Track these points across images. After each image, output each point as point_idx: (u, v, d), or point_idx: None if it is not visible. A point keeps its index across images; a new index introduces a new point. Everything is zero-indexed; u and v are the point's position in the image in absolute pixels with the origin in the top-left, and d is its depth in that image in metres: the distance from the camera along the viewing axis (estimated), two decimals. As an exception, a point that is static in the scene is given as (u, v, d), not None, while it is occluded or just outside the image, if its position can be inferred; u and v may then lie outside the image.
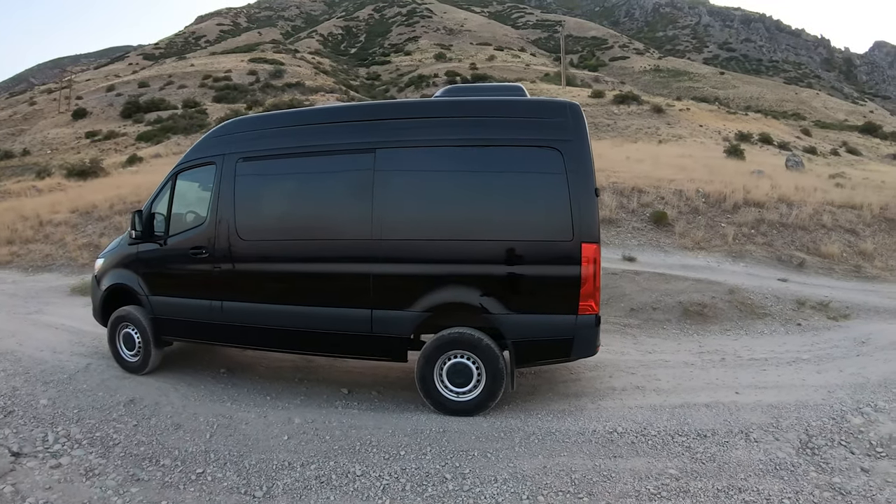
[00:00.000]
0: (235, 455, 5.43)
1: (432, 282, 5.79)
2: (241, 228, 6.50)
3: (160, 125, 44.76)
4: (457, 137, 5.90)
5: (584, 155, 5.67)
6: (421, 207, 5.93)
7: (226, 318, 6.58)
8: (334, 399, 6.54)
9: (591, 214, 5.54)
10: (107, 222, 16.03)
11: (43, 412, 6.18)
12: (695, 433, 5.26)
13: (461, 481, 4.78)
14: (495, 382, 5.74)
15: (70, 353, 7.82)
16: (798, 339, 8.46)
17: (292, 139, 6.47)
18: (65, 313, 10.18)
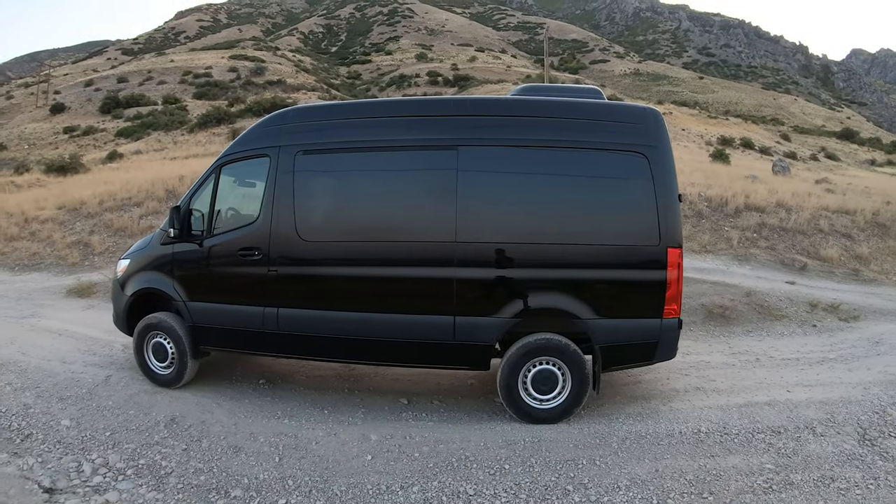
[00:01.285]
0: (318, 480, 4.86)
1: (521, 287, 5.58)
2: (301, 228, 5.91)
3: (140, 121, 43.60)
4: (545, 138, 5.65)
5: (668, 161, 5.59)
6: (507, 209, 5.63)
7: (282, 327, 5.99)
8: (398, 410, 6.13)
9: (675, 219, 5.48)
10: (96, 219, 14.96)
11: (68, 435, 5.37)
12: (769, 430, 5.39)
13: (585, 492, 4.59)
14: (581, 388, 5.58)
15: (83, 364, 7.03)
16: (817, 339, 8.67)
17: (362, 132, 5.96)
18: (65, 317, 9.37)
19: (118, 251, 13.55)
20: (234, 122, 36.70)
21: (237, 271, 6.15)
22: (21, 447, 5.17)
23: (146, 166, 24.42)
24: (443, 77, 76.60)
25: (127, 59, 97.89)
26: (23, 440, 5.27)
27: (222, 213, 6.53)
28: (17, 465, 4.86)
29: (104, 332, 8.49)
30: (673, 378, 6.83)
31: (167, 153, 31.35)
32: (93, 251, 13.54)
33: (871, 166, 42.35)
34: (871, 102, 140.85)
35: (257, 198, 6.30)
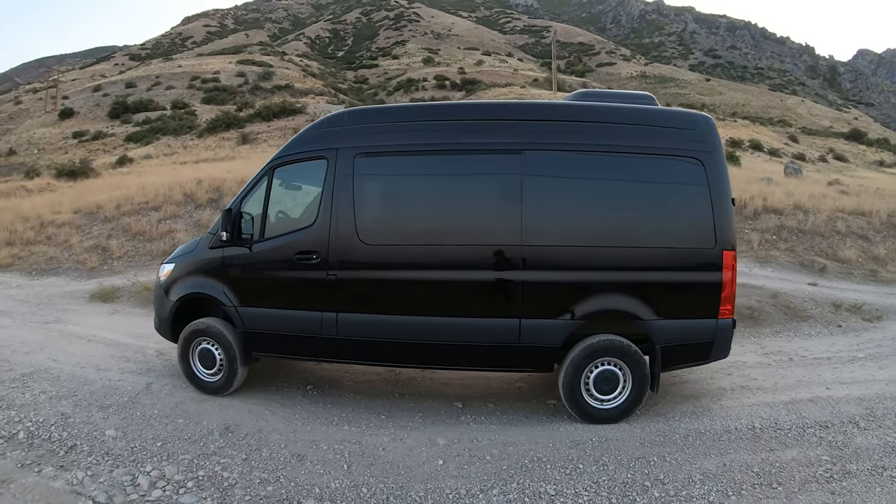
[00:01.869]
0: (393, 487, 4.71)
1: (586, 289, 5.62)
2: (362, 231, 5.77)
3: (149, 126, 43.47)
4: (608, 143, 5.70)
5: (722, 166, 5.73)
6: (572, 213, 5.68)
7: (341, 332, 5.84)
8: (455, 414, 6.07)
9: (729, 223, 5.62)
10: (114, 224, 14.73)
11: (115, 446, 5.07)
12: (817, 425, 5.58)
13: (663, 487, 4.67)
14: (641, 388, 5.63)
15: (119, 371, 6.76)
16: (844, 339, 8.84)
17: (424, 135, 5.89)
18: (92, 322, 9.12)
19: (137, 256, 13.40)
20: (244, 127, 36.55)
21: (293, 275, 6.00)
22: (66, 460, 4.86)
23: (158, 171, 24.23)
24: (450, 81, 76.39)
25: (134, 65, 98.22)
26: (67, 452, 4.96)
27: (276, 216, 6.42)
28: (65, 480, 4.57)
29: (134, 337, 8.31)
30: (717, 377, 6.94)
31: (177, 158, 31.24)
32: (111, 255, 13.31)
33: (879, 167, 42.04)
34: (879, 103, 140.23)
35: (314, 200, 6.19)
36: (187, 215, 15.10)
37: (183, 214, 15.11)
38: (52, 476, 4.64)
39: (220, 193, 15.92)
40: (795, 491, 4.55)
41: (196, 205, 15.54)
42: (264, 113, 39.70)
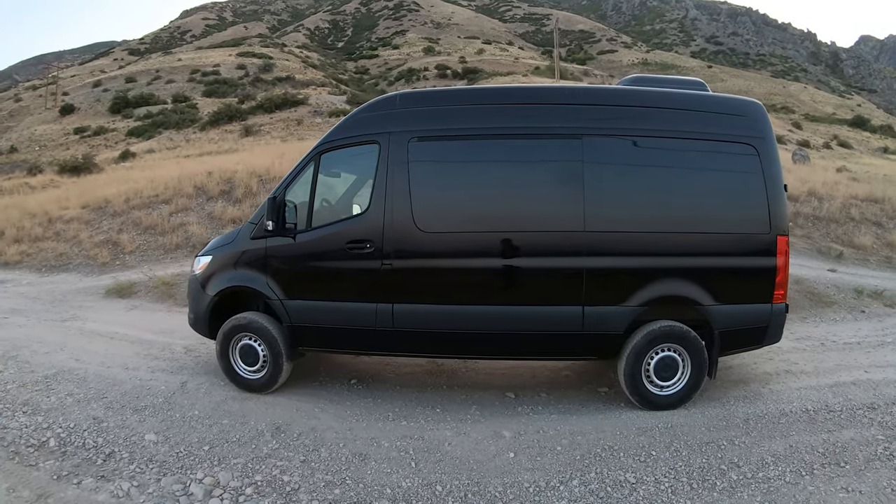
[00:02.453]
0: (469, 483, 4.52)
1: (648, 275, 5.53)
2: (419, 219, 5.52)
3: (150, 120, 43.13)
4: (666, 128, 5.62)
5: (774, 152, 5.73)
6: (633, 198, 5.57)
7: (397, 324, 5.59)
8: (510, 405, 5.93)
9: (783, 209, 5.65)
10: (123, 218, 14.29)
11: (158, 452, 4.72)
12: (864, 406, 5.62)
13: (739, 470, 4.66)
14: (700, 374, 5.59)
15: (149, 370, 6.38)
16: (868, 325, 8.95)
17: (481, 119, 5.68)
18: (110, 319, 8.73)
19: (149, 250, 13.02)
20: (246, 119, 36.31)
21: (344, 266, 5.72)
22: (106, 469, 4.49)
23: (162, 164, 23.90)
24: (451, 70, 75.96)
25: (134, 59, 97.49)
26: (105, 460, 4.59)
27: (324, 204, 6.17)
28: (109, 492, 4.18)
29: (158, 333, 7.97)
30: (759, 362, 6.96)
31: (180, 151, 30.94)
32: (123, 250, 12.89)
33: (884, 154, 41.79)
34: (882, 89, 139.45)
35: (365, 187, 5.96)
36: (199, 208, 14.69)
37: (195, 207, 14.70)
38: (93, 488, 4.25)
39: (231, 185, 15.53)
40: (862, 469, 4.63)
41: (207, 197, 15.13)
42: (266, 105, 39.48)
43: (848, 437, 5.10)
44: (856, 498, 4.30)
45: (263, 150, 23.66)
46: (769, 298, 5.62)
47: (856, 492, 4.35)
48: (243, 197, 14.78)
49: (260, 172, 16.19)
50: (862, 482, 4.47)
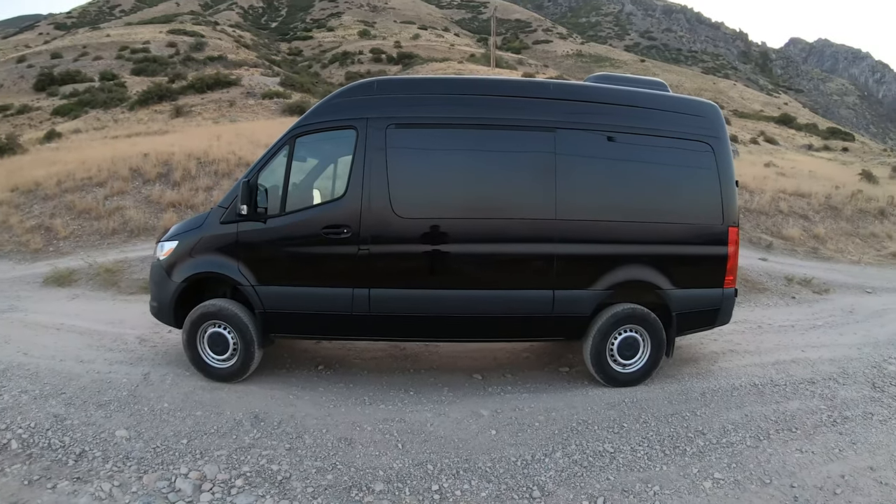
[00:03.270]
0: (458, 461, 4.67)
1: (614, 261, 5.87)
2: (397, 204, 5.58)
3: (77, 99, 40.46)
4: (633, 125, 5.96)
5: (727, 150, 6.22)
6: (601, 189, 5.89)
7: (374, 309, 5.64)
8: (480, 386, 6.15)
9: (733, 202, 6.12)
10: (56, 201, 13.42)
11: (133, 448, 4.53)
12: (805, 381, 6.20)
13: (705, 437, 5.08)
14: (658, 353, 6.01)
15: (105, 362, 6.08)
16: (799, 309, 9.71)
17: (461, 109, 5.82)
18: (53, 310, 8.27)
19: (84, 235, 12.39)
20: (177, 99, 34.75)
21: (320, 251, 5.68)
22: (80, 470, 4.26)
23: (90, 145, 22.54)
24: (386, 55, 75.09)
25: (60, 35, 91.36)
26: (77, 461, 4.36)
27: (299, 189, 6.13)
28: (89, 494, 3.97)
29: (106, 324, 7.65)
30: (706, 343, 7.52)
31: (108, 132, 29.37)
32: (56, 236, 12.18)
33: (808, 151, 43.86)
34: (808, 90, 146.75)
35: (341, 171, 5.97)
36: (136, 191, 14.02)
37: (131, 190, 14.01)
38: (70, 492, 4.04)
39: (168, 168, 14.88)
40: (811, 433, 5.18)
41: (144, 180, 14.44)
42: (198, 85, 37.91)
43: (795, 407, 5.62)
44: (809, 457, 4.80)
45: (197, 132, 22.79)
46: (721, 283, 6.12)
47: (809, 452, 4.86)
48: (182, 180, 14.23)
49: (197, 154, 15.64)
50: (813, 444, 4.99)
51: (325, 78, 65.34)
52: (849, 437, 5.14)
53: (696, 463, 4.73)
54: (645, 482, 4.49)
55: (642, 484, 4.46)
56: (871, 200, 17.49)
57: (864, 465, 4.71)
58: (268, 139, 18.10)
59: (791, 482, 4.48)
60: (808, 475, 4.58)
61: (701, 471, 4.63)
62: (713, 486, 4.45)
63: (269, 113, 31.86)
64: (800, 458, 4.80)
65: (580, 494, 4.34)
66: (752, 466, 4.68)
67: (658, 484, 4.46)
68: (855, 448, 4.98)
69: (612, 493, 4.35)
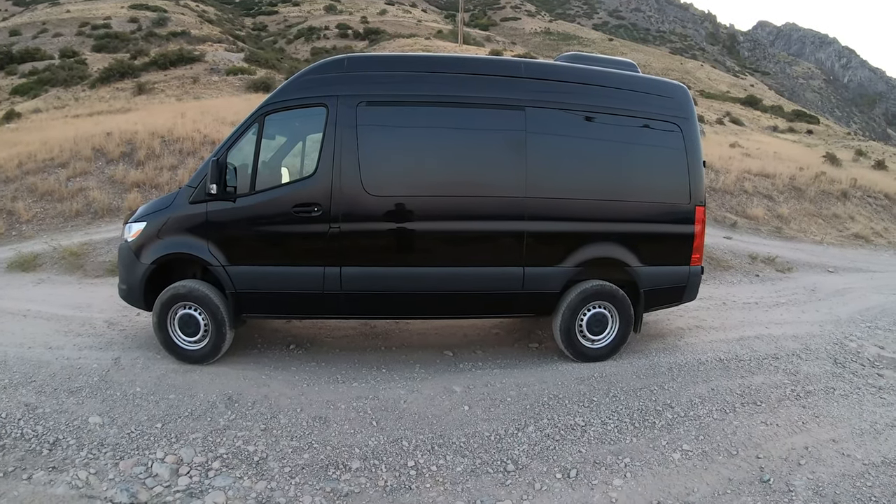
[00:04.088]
0: (433, 436, 4.76)
1: (583, 239, 5.97)
2: (367, 182, 5.57)
3: (36, 77, 39.35)
4: (602, 105, 6.03)
5: (696, 131, 6.36)
6: (571, 168, 5.96)
7: (346, 287, 5.65)
8: (451, 362, 6.23)
9: (701, 182, 6.25)
10: (17, 184, 12.91)
11: (108, 435, 4.50)
12: (769, 357, 6.39)
13: (674, 410, 5.26)
14: (626, 329, 6.15)
15: (74, 348, 6.00)
16: (763, 287, 9.96)
17: (431, 87, 5.82)
18: (18, 295, 8.08)
19: (48, 218, 12.08)
20: (139, 76, 33.82)
21: (291, 229, 5.68)
22: (55, 459, 4.23)
23: (51, 125, 21.94)
24: (353, 30, 74.07)
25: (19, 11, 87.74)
26: (51, 450, 4.31)
27: (268, 167, 6.04)
28: (66, 483, 3.95)
29: (73, 308, 7.53)
30: (672, 319, 7.70)
31: (69, 111, 28.51)
32: (19, 219, 11.80)
33: (773, 132, 44.60)
34: (775, 72, 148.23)
35: (311, 149, 5.94)
36: (99, 171, 13.66)
37: (94, 171, 13.64)
38: (47, 481, 4.00)
39: (132, 147, 14.51)
40: (776, 406, 5.39)
41: (107, 160, 14.04)
42: (161, 61, 36.84)
43: (759, 381, 5.82)
44: (774, 430, 5.00)
45: (160, 109, 22.27)
46: (688, 261, 6.28)
47: (773, 425, 5.07)
48: (146, 159, 13.88)
49: (162, 133, 15.28)
50: (777, 417, 5.21)
51: (291, 54, 64.14)
52: (812, 411, 5.34)
53: (664, 435, 4.88)
54: (616, 454, 4.62)
55: (613, 456, 4.59)
56: (835, 182, 17.88)
57: (826, 438, 4.89)
58: (234, 117, 17.83)
59: (757, 453, 4.63)
60: (773, 447, 4.74)
61: (670, 443, 4.78)
62: (682, 458, 4.59)
63: (233, 90, 31.23)
64: (765, 430, 4.98)
65: (553, 467, 4.46)
66: (719, 438, 4.84)
67: (629, 456, 4.60)
68: (818, 421, 5.17)
69: (584, 466, 4.47)
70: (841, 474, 4.42)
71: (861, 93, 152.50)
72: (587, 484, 4.30)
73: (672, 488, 4.26)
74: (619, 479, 4.36)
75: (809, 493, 4.22)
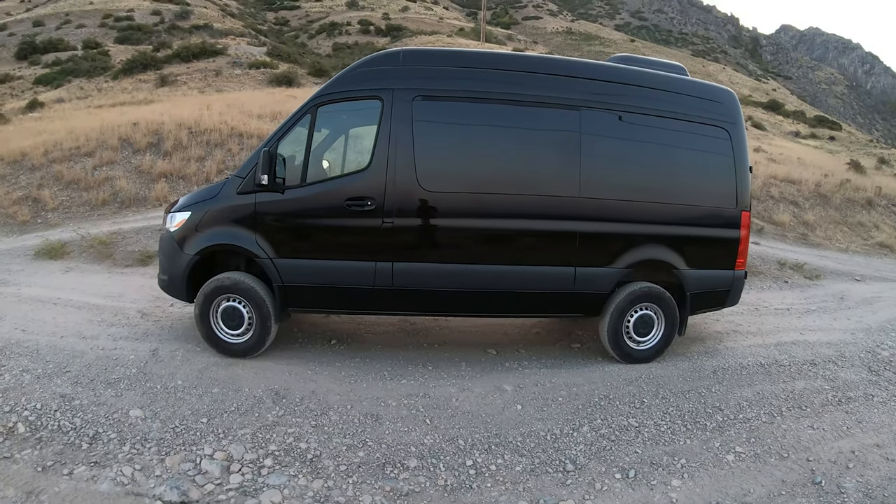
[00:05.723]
0: (488, 435, 4.67)
1: (633, 240, 5.96)
2: (423, 177, 5.49)
3: (60, 67, 39.55)
4: (655, 108, 6.02)
5: (744, 136, 6.39)
6: (623, 169, 5.94)
7: (396, 283, 5.55)
8: (497, 361, 6.15)
9: (747, 187, 6.28)
10: (43, 172, 12.88)
11: (150, 429, 4.32)
12: (807, 362, 6.36)
13: (723, 412, 5.24)
14: (671, 331, 6.13)
15: (109, 338, 5.82)
16: (793, 294, 9.88)
17: (487, 83, 5.75)
18: (47, 283, 7.94)
19: (73, 206, 11.99)
20: (162, 69, 34.06)
21: (342, 223, 5.57)
22: (96, 453, 4.03)
23: (74, 115, 21.90)
24: (375, 26, 74.05)
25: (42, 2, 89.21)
26: (91, 443, 4.12)
27: (320, 159, 6.10)
28: (110, 480, 3.76)
29: (105, 297, 7.36)
30: (709, 323, 7.65)
31: (92, 101, 28.68)
32: (45, 207, 11.72)
33: (795, 138, 44.04)
34: (797, 77, 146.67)
35: (365, 142, 5.86)
36: (125, 161, 13.57)
37: (120, 160, 13.55)
38: (90, 477, 3.80)
39: (159, 137, 14.40)
40: (819, 411, 5.40)
41: (134, 150, 13.96)
42: (183, 54, 37.11)
43: (801, 386, 5.80)
44: (821, 434, 5.00)
45: (184, 101, 22.24)
46: (732, 265, 6.28)
47: (819, 429, 5.07)
48: (173, 150, 13.72)
49: (188, 124, 15.14)
50: (822, 422, 5.19)
51: (313, 49, 64.31)
52: (854, 416, 5.33)
53: (716, 437, 4.86)
54: (671, 455, 4.59)
55: (669, 457, 4.57)
56: (860, 190, 17.69)
57: (870, 443, 4.90)
58: (260, 110, 17.77)
59: (807, 456, 4.66)
60: (822, 450, 4.76)
61: (722, 445, 4.76)
62: (735, 460, 4.58)
63: (255, 83, 31.28)
64: (812, 434, 4.98)
65: (612, 467, 4.41)
66: (769, 441, 4.83)
67: (684, 457, 4.58)
68: (861, 426, 5.17)
69: (641, 466, 4.44)
70: (888, 478, 4.45)
71: (884, 100, 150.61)
72: (646, 484, 4.27)
73: (729, 489, 4.26)
74: (677, 479, 4.34)
75: (860, 495, 4.24)
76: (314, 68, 35.51)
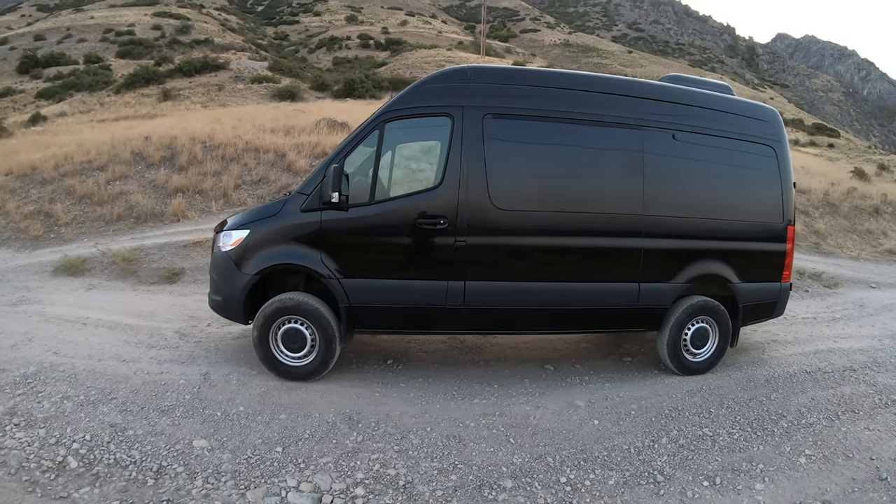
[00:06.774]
0: (574, 451, 4.66)
1: (692, 256, 6.10)
2: (495, 196, 5.40)
3: (61, 81, 39.52)
4: (709, 127, 6.17)
5: (787, 153, 6.64)
6: (683, 187, 6.05)
7: (468, 302, 5.43)
8: (557, 377, 6.13)
9: (791, 202, 6.54)
10: (54, 185, 12.55)
11: (221, 461, 4.00)
12: (846, 369, 6.54)
13: (788, 419, 5.36)
14: (725, 343, 6.28)
15: (152, 361, 5.51)
16: (815, 302, 10.04)
17: (555, 102, 5.77)
18: (70, 301, 7.61)
19: (87, 221, 11.67)
20: (164, 83, 34.04)
21: (413, 242, 5.46)
22: (166, 489, 3.68)
23: (77, 129, 21.58)
24: (374, 40, 74.44)
25: (43, 16, 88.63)
26: (157, 479, 3.76)
27: (389, 176, 6.07)
28: None
29: (136, 317, 7.05)
30: (747, 333, 7.60)
31: (94, 115, 28.47)
32: (57, 222, 11.38)
33: (795, 146, 44.10)
34: (794, 85, 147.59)
35: (435, 160, 5.87)
36: (139, 175, 13.26)
37: (134, 175, 13.24)
38: None
39: (172, 152, 14.12)
40: (871, 414, 5.57)
41: (147, 164, 13.65)
42: (185, 68, 37.15)
43: (849, 391, 5.98)
44: (878, 434, 5.19)
45: (189, 116, 22.01)
46: (780, 278, 6.53)
47: (875, 430, 5.26)
48: (188, 164, 13.46)
49: (202, 138, 14.87)
50: (876, 423, 5.39)
51: (313, 63, 64.41)
52: None
53: (786, 442, 4.99)
54: (749, 461, 4.69)
55: (747, 463, 4.67)
56: (866, 198, 18.04)
57: None
58: (272, 124, 17.51)
59: (870, 456, 4.83)
60: (882, 449, 4.93)
61: (793, 449, 4.90)
62: (807, 462, 4.73)
63: (258, 97, 31.19)
64: (869, 435, 5.16)
65: (698, 475, 4.47)
66: (833, 443, 5.00)
67: (761, 462, 4.69)
68: None
69: (724, 473, 4.53)
70: (944, 472, 4.59)
71: (881, 105, 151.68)
72: (733, 489, 4.35)
73: (808, 489, 4.40)
74: (760, 483, 4.44)
75: (922, 488, 4.36)
76: (316, 82, 35.53)
